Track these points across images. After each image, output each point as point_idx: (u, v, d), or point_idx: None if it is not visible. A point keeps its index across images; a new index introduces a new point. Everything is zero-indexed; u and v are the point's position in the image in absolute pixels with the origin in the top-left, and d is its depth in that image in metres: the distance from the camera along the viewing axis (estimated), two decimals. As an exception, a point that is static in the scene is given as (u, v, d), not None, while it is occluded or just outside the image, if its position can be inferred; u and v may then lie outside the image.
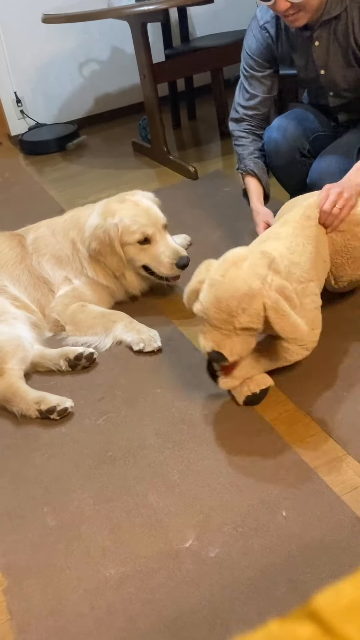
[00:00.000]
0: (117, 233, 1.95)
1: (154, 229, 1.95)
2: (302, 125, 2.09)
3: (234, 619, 1.11)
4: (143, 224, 1.94)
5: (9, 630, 1.17)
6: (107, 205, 2.03)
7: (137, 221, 1.94)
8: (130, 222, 1.95)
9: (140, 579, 1.21)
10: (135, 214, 1.96)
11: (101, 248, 1.97)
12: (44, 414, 1.65)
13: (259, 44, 2.03)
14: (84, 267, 2.04)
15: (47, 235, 2.09)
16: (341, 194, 1.65)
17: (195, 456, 1.46)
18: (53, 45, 4.01)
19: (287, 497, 1.32)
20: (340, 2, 1.81)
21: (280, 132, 2.10)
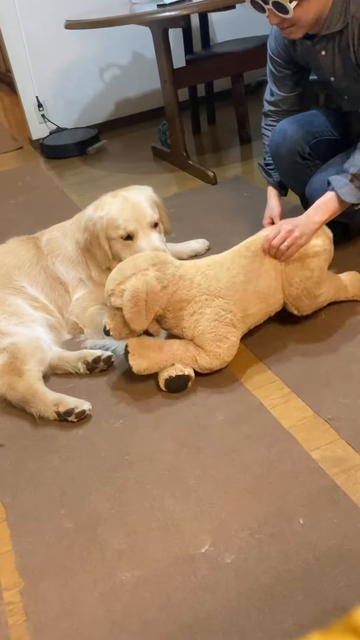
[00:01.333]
0: (102, 226, 1.96)
1: (137, 225, 1.94)
2: (304, 129, 2.08)
3: (250, 626, 1.10)
4: (126, 219, 1.93)
5: (25, 632, 1.17)
6: (100, 199, 2.05)
7: (122, 216, 1.94)
8: (115, 217, 1.94)
9: (155, 583, 1.21)
10: (121, 209, 1.95)
11: (91, 239, 1.99)
12: (62, 415, 1.66)
13: (277, 45, 2.04)
14: (89, 269, 2.06)
15: (59, 237, 2.11)
16: (292, 231, 1.71)
17: (212, 461, 1.46)
18: (75, 50, 4.05)
19: (304, 505, 1.31)
20: (342, 18, 1.78)
21: (281, 135, 2.11)
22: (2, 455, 1.62)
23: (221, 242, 2.45)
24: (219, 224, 2.63)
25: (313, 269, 1.75)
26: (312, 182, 2.04)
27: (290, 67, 2.06)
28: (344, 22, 1.78)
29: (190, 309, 1.68)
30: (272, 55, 2.07)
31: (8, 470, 1.56)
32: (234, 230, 2.53)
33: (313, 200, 2.00)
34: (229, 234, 2.51)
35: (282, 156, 2.11)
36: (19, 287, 2.01)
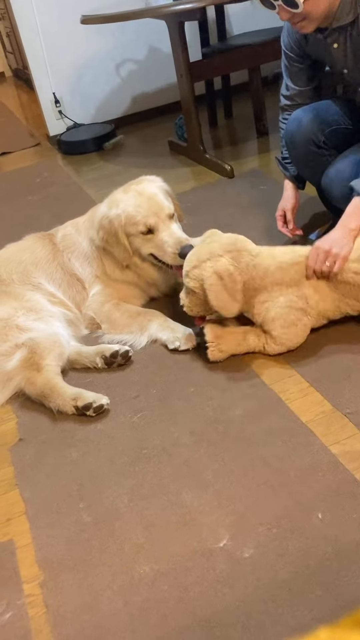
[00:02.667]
0: (120, 224, 1.94)
1: (157, 218, 1.92)
2: (319, 118, 2.05)
3: (269, 620, 1.10)
4: (145, 214, 1.92)
5: (45, 624, 1.18)
6: (113, 195, 2.03)
7: (140, 212, 1.92)
8: (133, 213, 1.92)
9: (174, 577, 1.21)
10: (138, 204, 1.93)
11: (108, 237, 1.98)
12: (80, 410, 1.66)
13: (290, 40, 2.02)
14: (104, 265, 2.06)
15: (73, 234, 2.12)
16: (329, 251, 1.66)
17: (230, 455, 1.46)
18: (91, 46, 4.06)
19: (323, 499, 1.30)
20: (352, 10, 1.75)
21: (295, 123, 2.08)
22: (21, 450, 1.63)
23: (238, 236, 2.44)
24: (237, 217, 2.62)
25: None
26: (328, 172, 2.02)
27: (304, 61, 2.04)
28: (355, 13, 1.76)
29: (262, 297, 1.68)
30: (286, 50, 2.05)
31: (27, 465, 1.58)
32: (252, 223, 2.52)
33: (330, 190, 1.98)
34: (247, 227, 2.50)
35: (297, 145, 2.10)
36: (36, 283, 2.02)
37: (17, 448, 1.64)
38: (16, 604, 1.23)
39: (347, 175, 1.91)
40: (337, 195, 1.98)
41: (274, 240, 2.35)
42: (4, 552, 1.35)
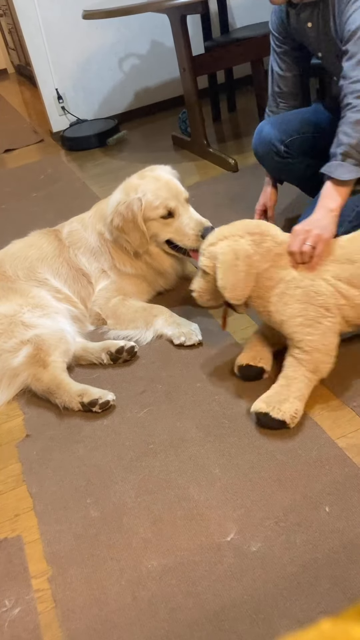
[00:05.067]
0: (140, 208, 1.94)
1: (176, 201, 1.93)
2: (278, 129, 2.07)
3: (277, 614, 1.10)
4: (165, 197, 1.92)
5: (54, 618, 1.19)
6: (128, 182, 2.03)
7: (160, 195, 1.92)
8: (152, 197, 1.92)
9: (181, 571, 1.22)
10: (157, 188, 1.94)
11: (124, 225, 1.96)
12: (86, 406, 1.67)
13: (276, 19, 2.02)
14: (113, 259, 2.06)
15: (79, 229, 2.12)
16: (310, 231, 1.56)
17: (236, 450, 1.46)
18: (93, 41, 4.05)
19: (330, 493, 1.30)
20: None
21: (257, 136, 2.14)
22: (28, 446, 1.64)
23: (243, 230, 2.44)
24: (241, 211, 2.61)
25: None
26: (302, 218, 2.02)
27: (288, 42, 2.03)
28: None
29: (279, 289, 1.52)
30: (272, 31, 2.06)
31: (34, 460, 1.58)
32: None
33: None
34: (251, 221, 2.49)
35: (261, 156, 2.16)
36: (42, 279, 2.02)
37: (24, 444, 1.65)
38: (25, 599, 1.24)
39: None
40: None
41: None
42: (12, 547, 1.36)
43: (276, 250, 1.54)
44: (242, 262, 1.49)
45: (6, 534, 1.40)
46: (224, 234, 1.56)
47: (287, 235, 1.60)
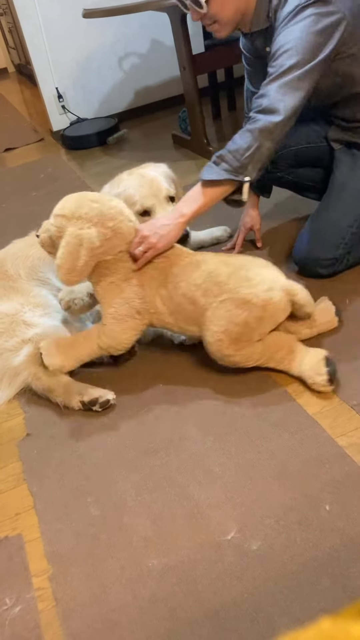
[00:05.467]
0: None
1: (155, 200, 1.90)
2: None
3: (277, 612, 1.10)
4: (144, 195, 1.90)
5: (54, 617, 1.19)
6: (117, 177, 2.03)
7: (139, 192, 1.90)
8: (132, 193, 1.90)
9: (182, 570, 1.22)
10: (139, 185, 1.92)
11: None
12: (86, 405, 1.67)
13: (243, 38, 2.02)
14: None
15: None
16: (147, 237, 1.61)
17: (237, 449, 1.46)
18: (93, 39, 4.04)
19: (331, 491, 1.30)
20: (267, 19, 1.76)
21: None
22: (29, 445, 1.64)
23: (243, 228, 2.44)
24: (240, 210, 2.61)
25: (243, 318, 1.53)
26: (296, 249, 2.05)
27: (257, 62, 2.02)
28: (269, 22, 1.76)
29: (110, 279, 1.63)
30: (242, 49, 2.07)
31: (35, 459, 1.58)
32: (256, 216, 2.51)
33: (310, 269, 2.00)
34: (251, 220, 2.49)
35: None
36: (44, 278, 2.02)
37: (25, 443, 1.65)
38: (25, 597, 1.24)
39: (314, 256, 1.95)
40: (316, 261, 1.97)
41: (277, 231, 2.34)
42: (13, 546, 1.36)
43: (121, 247, 1.61)
44: (85, 251, 1.55)
45: (7, 532, 1.40)
46: (80, 214, 1.56)
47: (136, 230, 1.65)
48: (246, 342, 1.57)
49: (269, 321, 1.56)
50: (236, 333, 1.55)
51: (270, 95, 1.66)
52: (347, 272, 1.99)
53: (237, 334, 1.55)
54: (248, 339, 1.56)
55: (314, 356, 1.57)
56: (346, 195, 1.93)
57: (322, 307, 1.76)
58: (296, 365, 1.59)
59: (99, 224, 1.57)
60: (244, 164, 1.67)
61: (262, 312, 1.53)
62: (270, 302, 1.54)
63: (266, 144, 1.66)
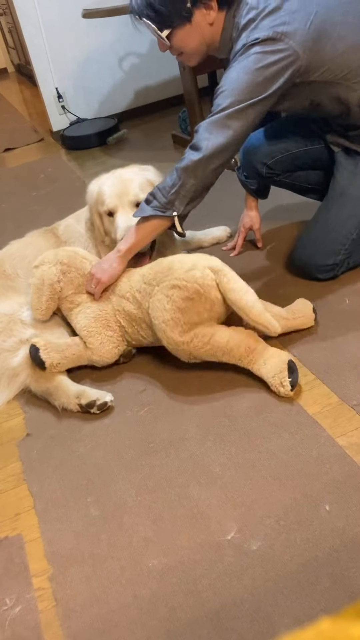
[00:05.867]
0: (94, 200, 1.98)
1: (118, 202, 1.92)
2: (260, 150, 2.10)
3: (277, 612, 1.10)
4: (110, 195, 1.92)
5: (54, 617, 1.19)
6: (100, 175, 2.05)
7: (108, 192, 1.93)
8: (103, 192, 1.94)
9: (182, 570, 1.22)
10: (111, 185, 1.94)
11: (90, 213, 2.03)
12: (84, 408, 1.67)
13: None
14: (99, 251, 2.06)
15: (74, 224, 2.13)
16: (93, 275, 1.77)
17: (237, 449, 1.46)
18: (93, 40, 4.05)
19: (331, 491, 1.30)
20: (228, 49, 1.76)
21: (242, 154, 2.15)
22: (29, 445, 1.64)
23: (243, 228, 2.44)
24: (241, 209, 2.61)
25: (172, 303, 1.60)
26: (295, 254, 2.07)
27: None
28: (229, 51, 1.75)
29: (78, 309, 1.80)
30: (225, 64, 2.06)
31: (35, 459, 1.58)
32: (256, 216, 2.51)
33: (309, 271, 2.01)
34: (251, 220, 2.49)
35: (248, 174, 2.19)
36: None
37: (25, 443, 1.65)
38: (25, 597, 1.24)
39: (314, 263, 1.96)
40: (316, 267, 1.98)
41: (277, 231, 2.35)
42: (13, 546, 1.36)
43: (78, 281, 1.80)
44: (47, 288, 1.77)
45: (7, 532, 1.40)
46: (44, 260, 1.82)
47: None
48: (187, 325, 1.60)
49: (200, 300, 1.59)
50: (171, 318, 1.60)
51: (198, 133, 1.70)
52: (347, 272, 1.99)
53: (173, 319, 1.60)
54: (185, 321, 1.60)
55: (277, 363, 1.58)
56: (347, 201, 1.92)
57: (299, 305, 1.78)
58: (258, 368, 1.61)
59: (57, 263, 1.79)
60: (171, 200, 1.73)
61: (187, 291, 1.58)
62: (192, 280, 1.59)
63: (189, 180, 1.71)
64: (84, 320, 1.78)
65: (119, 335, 1.78)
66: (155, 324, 1.65)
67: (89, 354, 1.77)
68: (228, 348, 1.61)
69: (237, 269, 1.67)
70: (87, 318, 1.78)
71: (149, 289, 1.68)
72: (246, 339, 1.61)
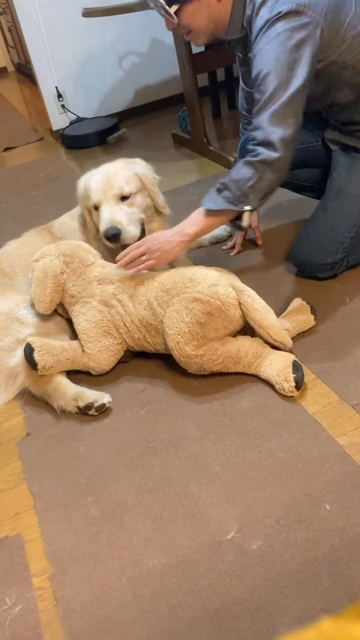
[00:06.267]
0: (81, 194, 1.98)
1: (102, 196, 1.89)
2: None
3: (277, 611, 1.10)
4: (95, 190, 1.91)
5: (54, 617, 1.19)
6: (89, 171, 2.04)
7: (93, 187, 1.91)
8: (89, 186, 1.93)
9: (182, 569, 1.22)
10: (96, 180, 1.92)
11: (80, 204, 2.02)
12: (82, 410, 1.67)
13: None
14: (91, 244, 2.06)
15: (69, 221, 2.12)
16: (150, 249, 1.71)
17: (237, 448, 1.46)
18: (93, 39, 4.04)
19: (331, 491, 1.30)
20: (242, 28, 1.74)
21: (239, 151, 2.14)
22: (29, 444, 1.64)
23: (243, 228, 2.44)
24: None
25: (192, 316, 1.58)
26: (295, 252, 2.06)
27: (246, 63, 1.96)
28: (243, 31, 1.74)
29: (77, 307, 1.77)
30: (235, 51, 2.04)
31: (35, 459, 1.58)
32: (256, 215, 2.51)
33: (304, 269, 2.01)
34: (251, 219, 2.49)
35: None
36: None
37: (25, 443, 1.65)
38: (26, 597, 1.24)
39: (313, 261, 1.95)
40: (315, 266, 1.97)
41: (279, 230, 2.34)
42: (13, 545, 1.36)
43: (81, 270, 1.77)
44: (50, 280, 1.74)
45: (7, 532, 1.40)
46: (46, 252, 1.79)
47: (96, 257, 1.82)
48: (202, 340, 1.59)
49: (220, 316, 1.59)
50: (189, 331, 1.59)
51: (264, 128, 1.65)
52: (347, 271, 1.99)
53: (190, 332, 1.59)
54: (202, 335, 1.59)
55: (282, 361, 1.58)
56: (345, 200, 1.92)
57: (298, 306, 1.78)
58: (263, 370, 1.60)
59: (60, 255, 1.77)
60: (246, 193, 1.68)
61: (209, 306, 1.58)
62: (215, 296, 1.58)
63: (267, 175, 1.67)
64: (84, 322, 1.75)
65: (118, 343, 1.75)
66: (169, 333, 1.62)
67: (86, 359, 1.75)
68: (239, 356, 1.62)
69: (237, 269, 1.67)
70: (87, 321, 1.75)
71: (167, 297, 1.64)
72: (253, 345, 1.62)
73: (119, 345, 1.76)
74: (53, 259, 1.77)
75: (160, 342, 1.70)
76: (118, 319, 1.73)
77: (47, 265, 1.76)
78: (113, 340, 1.75)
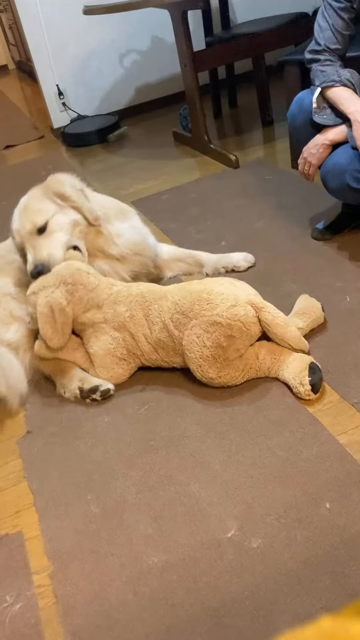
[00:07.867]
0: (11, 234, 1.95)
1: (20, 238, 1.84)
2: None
3: (277, 610, 1.10)
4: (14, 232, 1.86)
5: (54, 614, 1.19)
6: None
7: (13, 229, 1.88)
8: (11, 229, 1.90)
9: (182, 567, 1.22)
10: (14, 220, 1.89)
11: None
12: (86, 392, 1.67)
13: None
14: None
15: None
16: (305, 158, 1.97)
17: (237, 446, 1.46)
18: (94, 37, 4.04)
19: (331, 489, 1.30)
20: None
21: (297, 104, 2.06)
22: (29, 442, 1.64)
23: (244, 226, 2.44)
24: (242, 208, 2.61)
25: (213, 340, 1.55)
26: (326, 163, 1.98)
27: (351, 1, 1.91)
28: None
29: (90, 331, 1.72)
30: None
31: (35, 457, 1.58)
32: (257, 213, 2.51)
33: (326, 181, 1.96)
34: (252, 217, 2.49)
35: (298, 126, 2.08)
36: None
37: (25, 440, 1.65)
38: (26, 594, 1.24)
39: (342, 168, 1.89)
40: (332, 186, 1.96)
41: (280, 230, 2.34)
42: (13, 543, 1.36)
43: (87, 297, 1.70)
44: (58, 315, 1.66)
45: (7, 530, 1.40)
46: (44, 284, 1.70)
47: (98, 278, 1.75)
48: (225, 362, 1.57)
49: (241, 337, 1.56)
50: (211, 355, 1.56)
51: None
52: (348, 270, 1.99)
53: (213, 356, 1.56)
54: (225, 358, 1.57)
55: (298, 364, 1.56)
56: None
57: (309, 305, 1.76)
58: (282, 373, 1.59)
59: (61, 284, 1.69)
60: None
61: (230, 329, 1.54)
62: (236, 318, 1.54)
63: None
64: (97, 349, 1.71)
65: (129, 362, 1.73)
66: (191, 357, 1.58)
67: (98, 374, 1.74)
68: (259, 363, 1.60)
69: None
70: (100, 348, 1.71)
71: (184, 320, 1.59)
72: (270, 349, 1.61)
73: (133, 367, 1.75)
74: (54, 291, 1.68)
75: (178, 360, 1.67)
76: (132, 345, 1.69)
77: (50, 299, 1.67)
78: (127, 366, 1.73)
